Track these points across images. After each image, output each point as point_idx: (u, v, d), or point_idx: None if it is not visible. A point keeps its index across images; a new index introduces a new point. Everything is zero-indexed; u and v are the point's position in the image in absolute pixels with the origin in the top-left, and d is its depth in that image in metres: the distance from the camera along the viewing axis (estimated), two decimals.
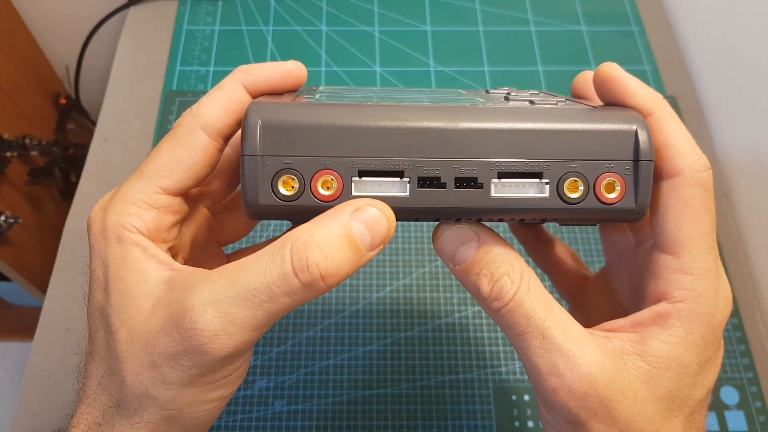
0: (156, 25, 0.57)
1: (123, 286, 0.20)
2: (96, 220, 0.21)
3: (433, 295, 0.43)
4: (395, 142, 0.19)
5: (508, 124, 0.19)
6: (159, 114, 0.51)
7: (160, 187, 0.21)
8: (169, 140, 0.22)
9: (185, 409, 0.20)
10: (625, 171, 0.20)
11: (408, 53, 0.56)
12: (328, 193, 0.19)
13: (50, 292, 0.43)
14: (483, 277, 0.20)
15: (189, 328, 0.18)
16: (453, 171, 0.19)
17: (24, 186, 0.72)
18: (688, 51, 0.57)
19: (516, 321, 0.19)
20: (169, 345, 0.19)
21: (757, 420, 0.39)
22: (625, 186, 0.20)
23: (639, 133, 0.19)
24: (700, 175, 0.20)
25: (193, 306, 0.18)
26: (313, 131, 0.19)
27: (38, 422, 0.38)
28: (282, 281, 0.18)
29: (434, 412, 0.39)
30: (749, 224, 0.47)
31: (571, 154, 0.20)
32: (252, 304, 0.18)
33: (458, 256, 0.20)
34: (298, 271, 0.18)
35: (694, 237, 0.20)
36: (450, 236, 0.21)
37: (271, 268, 0.18)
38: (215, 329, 0.18)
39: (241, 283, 0.18)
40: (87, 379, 0.21)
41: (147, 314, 0.20)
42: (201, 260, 0.26)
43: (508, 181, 0.20)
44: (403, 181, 0.19)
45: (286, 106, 0.20)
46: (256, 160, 0.19)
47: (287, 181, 0.19)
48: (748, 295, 0.44)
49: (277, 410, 0.39)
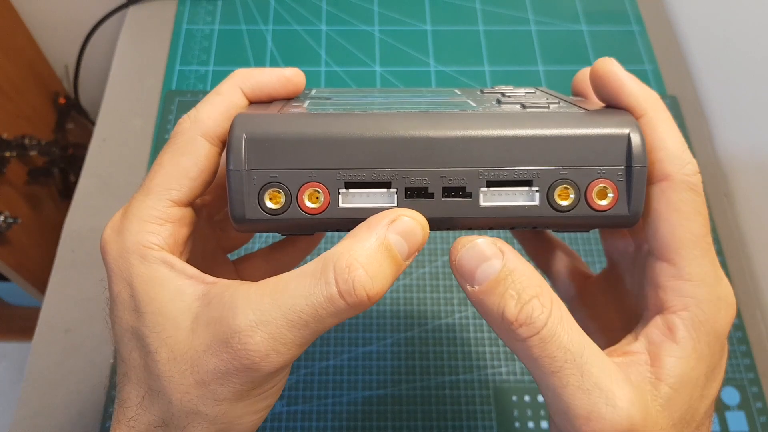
0: (155, 25, 0.57)
1: (157, 305, 0.20)
2: (111, 243, 0.21)
3: (433, 295, 0.43)
4: (381, 152, 0.19)
5: (496, 132, 0.19)
6: (158, 113, 0.51)
7: (170, 200, 0.21)
8: (170, 150, 0.21)
9: (235, 421, 0.20)
10: (618, 177, 0.19)
11: (408, 53, 0.56)
12: (314, 206, 0.19)
13: (49, 292, 0.43)
14: (509, 299, 0.18)
15: (240, 349, 0.18)
16: (441, 181, 0.19)
17: (23, 186, 0.72)
18: (688, 51, 0.57)
19: (551, 354, 0.18)
20: (218, 364, 0.19)
21: (757, 420, 0.39)
22: (618, 192, 0.19)
23: (632, 138, 0.19)
24: (690, 179, 0.20)
25: (241, 327, 0.18)
26: (298, 144, 0.19)
27: (38, 422, 0.38)
28: (328, 303, 0.18)
29: (434, 413, 0.39)
30: (749, 224, 0.47)
31: (561, 161, 0.19)
32: (299, 326, 0.18)
33: (479, 275, 0.19)
34: (344, 294, 0.18)
35: (688, 241, 0.20)
36: (470, 253, 0.19)
37: (316, 291, 0.18)
38: (266, 349, 0.18)
39: (286, 305, 0.18)
40: (124, 400, 0.21)
41: (187, 332, 0.19)
42: (209, 269, 0.25)
43: (498, 189, 0.19)
44: (390, 192, 0.19)
45: (271, 117, 0.19)
46: (242, 175, 0.19)
47: (273, 195, 0.19)
48: (749, 296, 0.44)
49: (276, 411, 0.39)
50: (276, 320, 0.18)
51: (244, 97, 0.22)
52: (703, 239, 0.20)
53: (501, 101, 0.23)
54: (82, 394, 0.39)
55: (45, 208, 0.77)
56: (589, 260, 0.45)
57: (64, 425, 0.38)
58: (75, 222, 0.46)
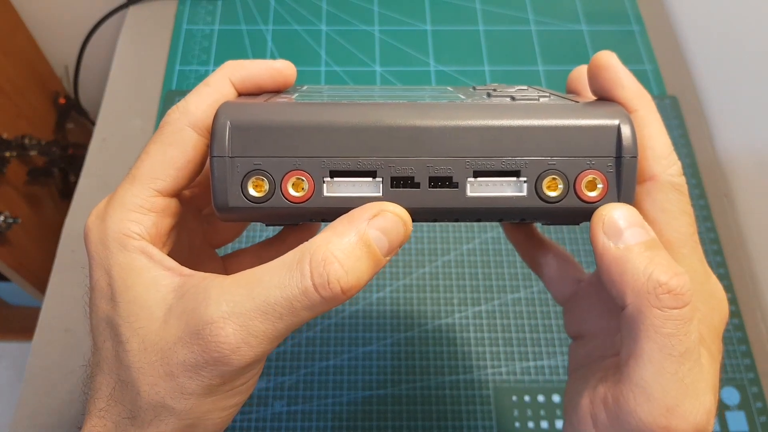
0: (155, 25, 0.57)
1: (132, 295, 0.20)
2: (93, 229, 0.21)
3: (433, 295, 0.43)
4: (367, 141, 0.19)
5: (483, 121, 0.19)
6: (158, 113, 0.51)
7: (155, 189, 0.21)
8: (157, 140, 0.21)
9: (203, 417, 0.20)
10: (608, 168, 0.19)
11: (408, 53, 0.56)
12: (298, 194, 0.19)
13: (49, 292, 0.43)
14: (660, 263, 0.17)
15: (210, 340, 0.18)
16: (427, 170, 0.19)
17: (23, 186, 0.72)
18: (688, 51, 0.57)
19: (684, 334, 0.17)
20: (188, 356, 0.18)
21: (758, 420, 0.39)
22: (608, 183, 0.19)
23: (622, 128, 0.19)
24: (675, 180, 0.20)
25: (213, 318, 0.18)
26: (283, 131, 0.19)
27: (38, 422, 0.38)
28: (302, 296, 0.18)
29: (434, 413, 0.39)
30: (749, 224, 0.47)
31: (549, 151, 0.19)
32: (272, 318, 0.18)
33: (629, 234, 0.18)
34: (318, 287, 0.18)
35: (676, 240, 0.20)
36: (624, 212, 0.18)
37: (291, 283, 0.18)
38: (237, 342, 0.18)
39: (260, 296, 0.18)
40: (96, 390, 0.20)
41: (160, 323, 0.19)
42: (196, 263, 0.25)
43: (485, 180, 0.19)
44: (375, 181, 0.19)
45: (256, 106, 0.19)
46: (225, 162, 0.19)
47: (257, 183, 0.19)
48: (749, 296, 0.44)
49: (276, 411, 0.39)
50: (249, 312, 0.18)
51: (233, 88, 0.22)
52: (690, 237, 0.20)
53: (491, 95, 0.23)
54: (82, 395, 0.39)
55: (45, 208, 0.77)
56: (584, 261, 0.45)
57: (64, 425, 0.38)
58: (75, 222, 0.46)
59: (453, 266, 0.44)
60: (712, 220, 0.47)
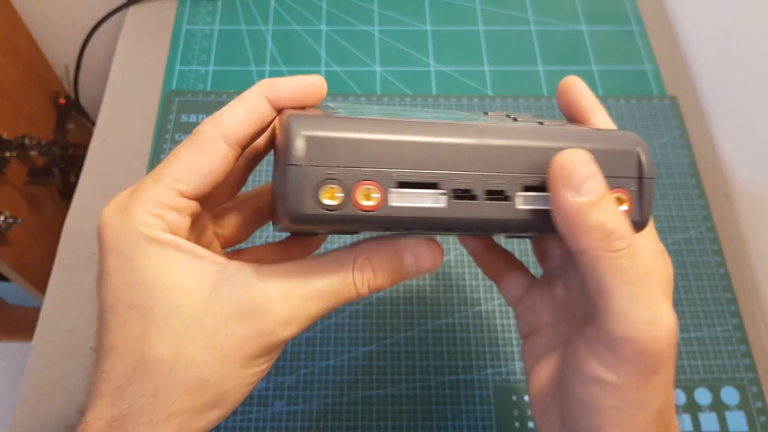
0: (155, 25, 0.57)
1: (168, 279, 0.21)
2: (113, 219, 0.22)
3: (433, 295, 0.43)
4: (432, 156, 0.20)
5: (531, 143, 0.21)
6: (158, 114, 0.51)
7: (178, 190, 0.22)
8: (188, 145, 0.22)
9: (229, 392, 0.21)
10: (631, 187, 0.21)
11: (408, 53, 0.56)
12: (369, 204, 0.20)
13: (49, 292, 0.43)
14: (611, 213, 0.20)
15: (266, 316, 0.21)
16: (483, 184, 0.21)
17: (23, 186, 0.72)
18: (688, 51, 0.57)
19: (636, 266, 0.20)
20: (240, 329, 0.21)
21: (757, 420, 0.39)
22: (632, 201, 0.21)
23: (641, 154, 0.21)
24: None
25: (271, 298, 0.21)
26: (356, 144, 0.20)
27: (38, 422, 0.38)
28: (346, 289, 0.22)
29: (434, 413, 0.39)
30: (749, 224, 0.47)
31: None
32: (322, 302, 0.22)
33: (588, 187, 0.20)
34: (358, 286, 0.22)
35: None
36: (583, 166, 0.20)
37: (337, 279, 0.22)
38: (289, 319, 0.21)
39: (316, 283, 0.22)
40: (109, 371, 0.21)
41: (203, 302, 0.21)
42: None
43: (532, 194, 0.21)
44: (438, 193, 0.20)
45: (324, 119, 0.20)
46: (301, 170, 0.19)
47: (331, 191, 0.20)
48: (749, 295, 0.44)
49: (276, 411, 0.39)
50: (305, 294, 0.21)
51: (269, 104, 0.23)
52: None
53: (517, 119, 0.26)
54: (82, 394, 0.39)
55: (45, 208, 0.77)
56: None
57: (64, 425, 0.38)
58: (75, 222, 0.46)
59: (453, 266, 0.44)
60: (712, 220, 0.47)
